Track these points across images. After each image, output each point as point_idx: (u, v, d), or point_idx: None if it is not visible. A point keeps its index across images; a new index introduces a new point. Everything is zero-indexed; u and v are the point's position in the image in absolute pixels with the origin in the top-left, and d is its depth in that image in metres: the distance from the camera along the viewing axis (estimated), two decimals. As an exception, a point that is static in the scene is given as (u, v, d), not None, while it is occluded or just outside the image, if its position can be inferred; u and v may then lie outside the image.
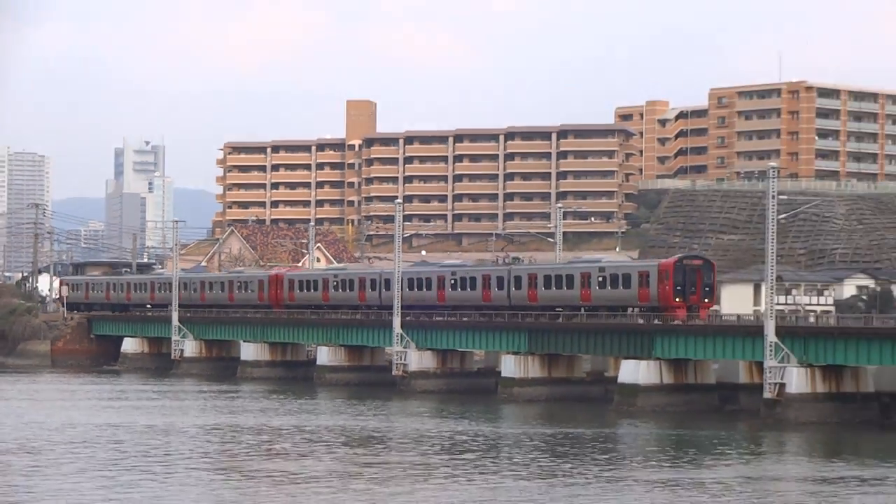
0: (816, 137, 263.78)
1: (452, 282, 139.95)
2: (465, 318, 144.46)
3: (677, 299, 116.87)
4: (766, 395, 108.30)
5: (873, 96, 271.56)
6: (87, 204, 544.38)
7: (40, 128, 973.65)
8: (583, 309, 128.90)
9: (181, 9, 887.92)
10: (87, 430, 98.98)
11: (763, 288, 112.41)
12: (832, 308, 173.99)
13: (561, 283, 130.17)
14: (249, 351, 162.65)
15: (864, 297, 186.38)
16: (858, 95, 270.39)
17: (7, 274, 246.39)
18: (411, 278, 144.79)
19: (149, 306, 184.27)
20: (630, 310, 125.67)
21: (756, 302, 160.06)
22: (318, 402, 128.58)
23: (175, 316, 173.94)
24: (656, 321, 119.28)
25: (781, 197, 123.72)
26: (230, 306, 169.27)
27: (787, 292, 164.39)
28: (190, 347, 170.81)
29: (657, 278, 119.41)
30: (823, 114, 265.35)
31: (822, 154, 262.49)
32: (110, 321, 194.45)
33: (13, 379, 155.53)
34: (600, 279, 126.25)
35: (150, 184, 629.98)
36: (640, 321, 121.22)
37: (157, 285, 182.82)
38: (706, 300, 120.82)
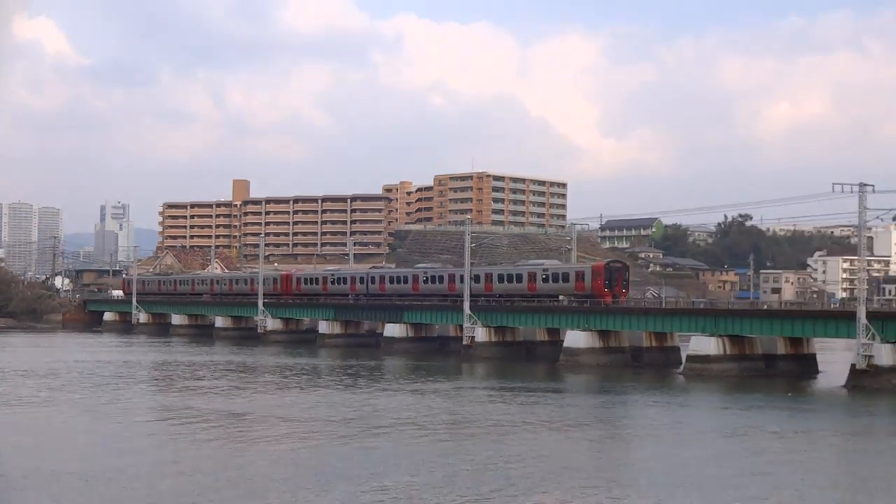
0: (492, 202, 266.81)
1: (425, 278, 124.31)
2: (300, 300, 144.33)
3: (606, 290, 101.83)
4: (465, 342, 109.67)
5: (523, 180, 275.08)
6: (83, 237, 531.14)
7: (56, 190, 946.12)
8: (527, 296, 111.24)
9: (143, 123, 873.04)
10: (87, 363, 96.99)
11: (465, 282, 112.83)
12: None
13: (512, 279, 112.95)
14: (177, 319, 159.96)
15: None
16: (515, 180, 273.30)
17: (37, 276, 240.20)
18: (392, 276, 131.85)
19: (205, 295, 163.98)
20: (567, 298, 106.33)
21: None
22: (215, 348, 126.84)
23: (134, 299, 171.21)
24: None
25: (473, 234, 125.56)
26: (251, 294, 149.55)
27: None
28: (143, 317, 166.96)
29: (591, 276, 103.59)
30: (496, 189, 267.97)
31: (496, 211, 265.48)
32: (98, 302, 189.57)
33: (40, 336, 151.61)
34: (544, 276, 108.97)
35: (120, 225, 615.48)
36: (575, 304, 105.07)
37: (214, 281, 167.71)
38: (623, 290, 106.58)
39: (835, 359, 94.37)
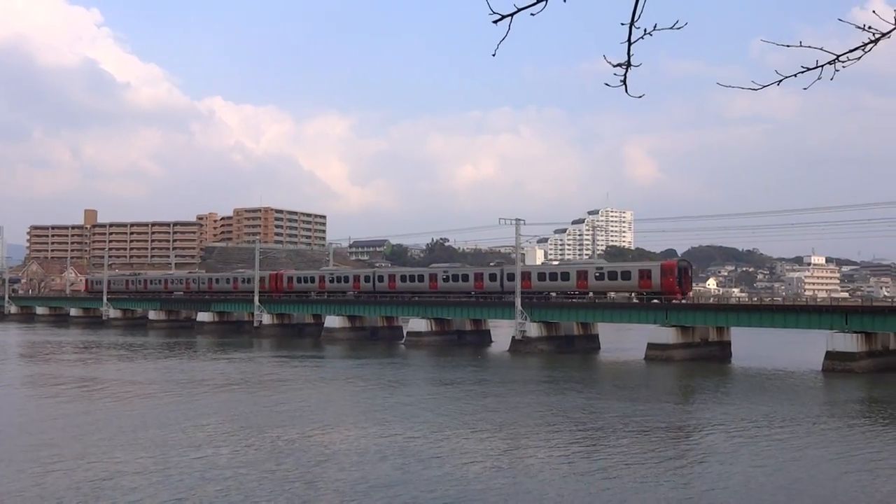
0: (275, 228, 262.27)
1: (444, 277, 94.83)
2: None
3: (677, 287, 76.85)
4: (255, 325, 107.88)
5: (296, 213, 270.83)
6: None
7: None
8: (577, 293, 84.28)
9: (18, 168, 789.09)
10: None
11: (255, 282, 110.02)
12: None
13: (556, 277, 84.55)
14: (40, 310, 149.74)
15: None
16: (291, 213, 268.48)
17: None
18: (404, 275, 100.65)
19: (175, 293, 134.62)
20: (631, 294, 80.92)
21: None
22: (70, 330, 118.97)
23: (7, 294, 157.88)
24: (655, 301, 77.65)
25: (260, 249, 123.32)
26: (234, 292, 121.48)
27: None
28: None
29: (660, 273, 76.91)
30: (277, 219, 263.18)
31: (277, 234, 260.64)
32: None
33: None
34: (597, 274, 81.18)
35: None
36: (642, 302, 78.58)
37: (170, 281, 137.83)
38: (690, 286, 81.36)
39: (502, 332, 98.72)
